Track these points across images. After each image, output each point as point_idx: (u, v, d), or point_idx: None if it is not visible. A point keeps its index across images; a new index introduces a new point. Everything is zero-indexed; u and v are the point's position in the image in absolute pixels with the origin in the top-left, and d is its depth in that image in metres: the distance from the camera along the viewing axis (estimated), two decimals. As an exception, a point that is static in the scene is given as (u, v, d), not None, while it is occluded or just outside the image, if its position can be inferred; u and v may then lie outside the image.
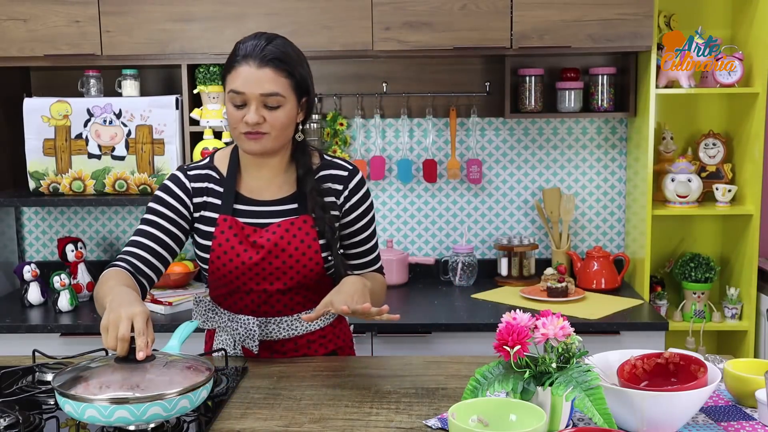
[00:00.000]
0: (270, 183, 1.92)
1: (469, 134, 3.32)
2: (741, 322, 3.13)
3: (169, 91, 3.25)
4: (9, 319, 2.85)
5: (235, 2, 2.91)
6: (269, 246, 1.87)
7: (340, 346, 2.07)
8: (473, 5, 2.88)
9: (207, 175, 1.93)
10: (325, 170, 1.94)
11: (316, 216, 1.88)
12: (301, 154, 1.93)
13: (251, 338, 1.93)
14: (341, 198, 1.94)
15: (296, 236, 1.88)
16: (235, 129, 1.83)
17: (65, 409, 1.49)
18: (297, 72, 1.82)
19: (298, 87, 1.83)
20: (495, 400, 1.43)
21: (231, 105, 1.81)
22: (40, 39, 2.94)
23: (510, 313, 1.48)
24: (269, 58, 1.78)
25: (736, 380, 1.62)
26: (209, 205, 1.91)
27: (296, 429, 1.55)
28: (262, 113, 1.79)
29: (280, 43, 1.82)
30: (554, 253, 3.29)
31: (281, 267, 1.88)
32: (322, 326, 2.01)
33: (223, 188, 1.91)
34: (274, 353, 1.98)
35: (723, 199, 3.09)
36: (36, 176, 3.02)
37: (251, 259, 1.87)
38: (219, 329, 1.99)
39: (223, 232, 1.88)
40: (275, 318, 1.95)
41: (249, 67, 1.78)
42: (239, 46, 1.82)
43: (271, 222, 1.90)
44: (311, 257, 1.88)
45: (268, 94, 1.78)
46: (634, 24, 2.87)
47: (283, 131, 1.83)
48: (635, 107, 3.14)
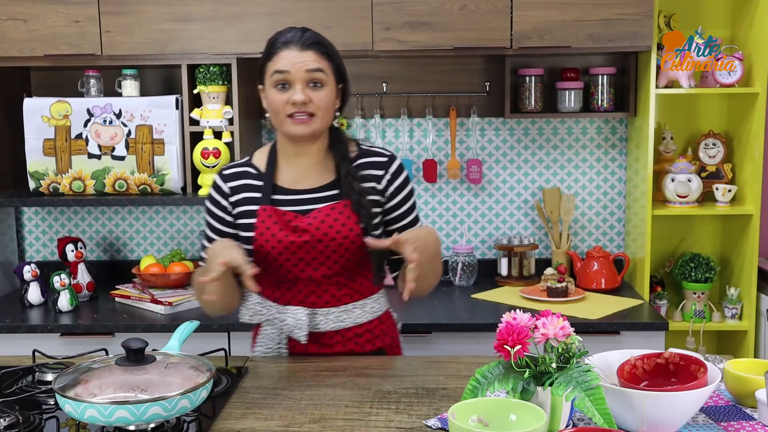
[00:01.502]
0: (309, 172, 1.97)
1: (469, 134, 3.32)
2: (741, 322, 3.13)
3: (169, 91, 3.25)
4: (9, 319, 2.85)
5: (235, 2, 2.91)
6: (311, 230, 1.90)
7: (387, 344, 2.08)
8: (473, 5, 2.88)
9: (243, 172, 1.99)
10: (364, 158, 1.99)
11: (354, 200, 1.92)
12: (337, 142, 1.98)
13: (300, 328, 1.95)
14: (383, 183, 1.98)
15: (337, 220, 1.91)
16: (280, 113, 1.88)
17: (65, 409, 1.49)
18: (335, 56, 1.93)
19: (337, 70, 1.93)
20: (495, 400, 1.43)
21: (274, 89, 1.87)
22: (40, 39, 2.94)
23: (510, 313, 1.48)
24: (310, 42, 1.88)
25: (736, 380, 1.62)
26: (248, 200, 1.97)
27: (296, 429, 1.56)
28: (307, 93, 1.86)
29: (316, 32, 1.93)
30: (554, 253, 3.29)
31: (324, 251, 1.91)
32: (369, 319, 2.02)
33: (262, 182, 1.97)
34: (322, 346, 1.99)
35: (723, 199, 3.10)
36: (36, 176, 3.02)
37: (293, 243, 1.90)
38: (266, 323, 2.01)
39: (263, 222, 1.92)
40: (323, 309, 1.97)
41: (291, 51, 1.86)
42: (278, 37, 1.91)
43: (312, 208, 1.94)
44: (353, 240, 1.92)
45: (313, 70, 1.86)
46: (634, 24, 2.87)
47: (327, 112, 1.91)
48: (635, 107, 3.14)
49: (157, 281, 3.01)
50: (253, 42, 2.92)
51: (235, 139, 2.98)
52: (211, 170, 2.94)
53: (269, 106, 1.91)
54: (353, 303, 1.98)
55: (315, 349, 1.99)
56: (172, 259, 3.08)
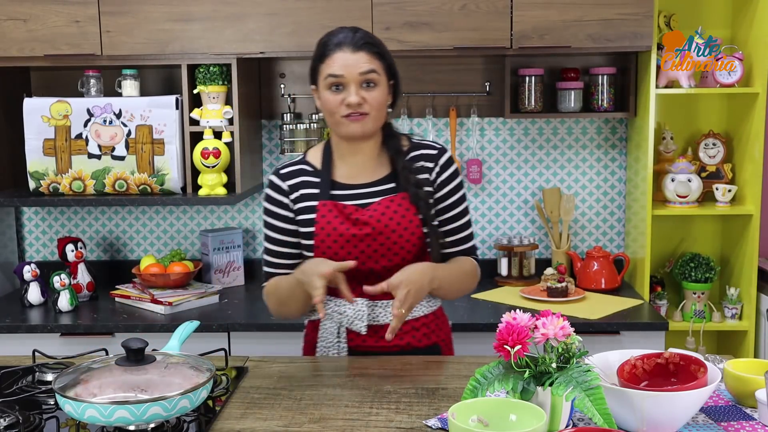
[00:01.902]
0: (365, 167, 2.01)
1: (469, 134, 3.32)
2: (741, 322, 3.13)
3: (169, 91, 3.25)
4: (9, 319, 2.85)
5: (235, 2, 2.91)
6: (372, 222, 1.94)
7: (442, 339, 2.11)
8: (473, 5, 2.88)
9: (300, 170, 2.03)
10: (416, 151, 2.03)
11: (411, 192, 1.96)
12: (390, 137, 2.02)
13: (360, 318, 1.97)
14: (433, 174, 2.01)
15: (397, 212, 1.95)
16: (334, 114, 1.91)
17: (65, 409, 1.49)
18: (386, 54, 1.96)
19: (388, 68, 1.95)
20: (495, 400, 1.43)
21: (328, 91, 1.91)
22: (40, 39, 2.94)
23: (510, 313, 1.48)
24: (361, 43, 1.91)
25: (736, 380, 1.62)
26: (307, 196, 2.00)
27: (296, 429, 1.56)
28: (361, 94, 1.89)
29: (366, 32, 1.96)
30: (554, 253, 3.29)
31: (385, 243, 1.94)
32: (425, 313, 2.05)
33: (318, 179, 2.00)
34: (379, 339, 2.00)
35: (723, 199, 3.09)
36: (36, 176, 3.02)
37: (355, 236, 1.93)
38: (325, 317, 2.02)
39: (324, 216, 1.95)
40: (382, 301, 1.98)
41: (344, 53, 1.89)
42: (329, 38, 1.93)
43: (371, 202, 1.97)
44: (413, 232, 1.95)
45: (366, 72, 1.89)
46: (634, 24, 2.87)
47: (381, 111, 1.94)
48: (635, 107, 3.14)
49: (157, 281, 3.01)
50: (253, 42, 2.92)
51: (235, 139, 2.98)
52: (211, 170, 2.94)
53: (323, 107, 1.94)
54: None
55: (373, 342, 2.01)
56: (172, 259, 3.08)
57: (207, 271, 3.23)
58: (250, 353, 2.09)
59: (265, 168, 3.38)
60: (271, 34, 2.92)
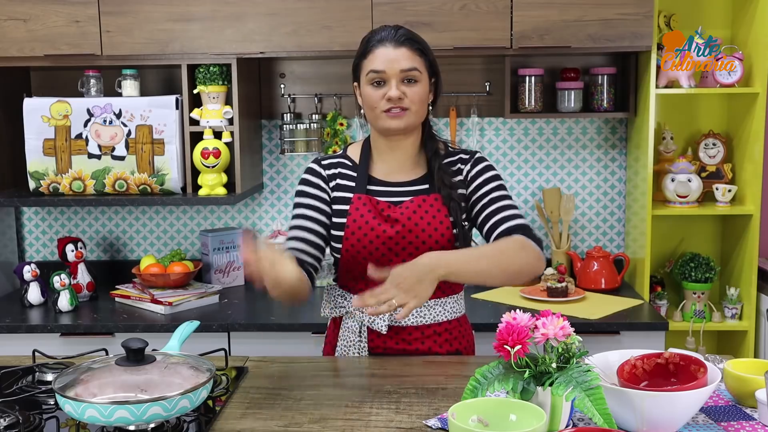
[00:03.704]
0: (402, 166, 2.02)
1: (469, 134, 3.32)
2: (741, 322, 3.13)
3: (169, 91, 3.25)
4: (9, 319, 2.85)
5: (235, 2, 2.91)
6: (403, 219, 1.94)
7: (464, 346, 2.09)
8: (473, 5, 2.88)
9: (339, 162, 2.05)
10: (451, 157, 2.03)
11: (444, 194, 1.96)
12: (429, 138, 2.03)
13: (380, 317, 1.97)
14: (464, 173, 2.01)
15: (428, 212, 1.96)
16: (375, 109, 1.92)
17: (65, 409, 1.49)
18: (428, 52, 1.96)
19: (430, 66, 1.96)
20: (495, 400, 1.43)
21: (369, 86, 1.92)
22: (40, 39, 2.94)
23: (510, 313, 1.48)
24: (403, 39, 1.92)
25: (736, 380, 1.62)
26: (343, 187, 2.02)
27: (296, 429, 1.56)
28: (402, 89, 1.90)
29: (408, 29, 1.97)
30: (554, 253, 3.29)
31: (414, 242, 1.94)
32: (449, 319, 2.04)
33: (356, 173, 2.01)
34: (400, 342, 2.00)
35: (723, 199, 3.10)
36: (36, 176, 3.02)
37: (385, 232, 1.94)
38: (347, 315, 2.03)
39: (357, 209, 1.96)
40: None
41: (386, 49, 1.91)
42: (372, 35, 1.96)
43: (404, 200, 1.98)
44: (443, 233, 1.95)
45: (407, 69, 1.90)
46: (634, 24, 2.87)
47: (421, 107, 1.94)
48: (635, 107, 3.14)
49: (157, 281, 3.01)
50: (253, 42, 2.92)
51: (235, 139, 2.98)
52: (211, 170, 2.95)
53: (365, 102, 1.96)
54: (434, 299, 2.00)
55: (393, 344, 2.00)
56: (172, 259, 3.08)
57: (207, 271, 3.23)
58: (250, 353, 2.09)
59: (265, 168, 3.38)
60: (271, 34, 2.92)
